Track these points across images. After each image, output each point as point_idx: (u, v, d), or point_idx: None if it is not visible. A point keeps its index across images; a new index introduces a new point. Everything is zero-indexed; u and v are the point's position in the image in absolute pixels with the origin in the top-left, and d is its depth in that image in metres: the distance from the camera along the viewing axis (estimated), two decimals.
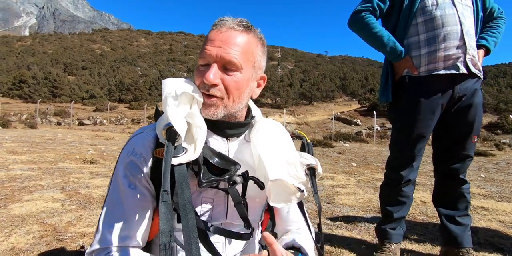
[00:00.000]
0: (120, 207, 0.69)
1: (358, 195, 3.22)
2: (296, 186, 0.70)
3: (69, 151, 6.14)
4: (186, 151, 0.64)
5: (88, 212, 2.30)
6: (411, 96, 1.53)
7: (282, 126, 0.87)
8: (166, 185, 0.58)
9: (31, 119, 19.52)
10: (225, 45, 0.69)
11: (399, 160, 1.62)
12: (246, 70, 0.73)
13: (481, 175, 4.87)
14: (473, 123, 1.52)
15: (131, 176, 0.70)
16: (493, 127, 19.78)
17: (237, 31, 0.71)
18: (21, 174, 3.59)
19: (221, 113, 0.72)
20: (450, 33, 1.41)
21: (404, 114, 1.56)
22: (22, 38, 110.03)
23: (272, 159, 0.72)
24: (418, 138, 1.54)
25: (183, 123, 0.65)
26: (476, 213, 2.63)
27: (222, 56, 0.69)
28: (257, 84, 0.79)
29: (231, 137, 0.78)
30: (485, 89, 29.44)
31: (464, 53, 1.43)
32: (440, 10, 1.43)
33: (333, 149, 9.65)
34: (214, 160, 0.69)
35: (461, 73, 1.44)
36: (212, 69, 0.69)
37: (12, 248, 1.66)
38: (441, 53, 1.43)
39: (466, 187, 1.59)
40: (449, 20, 1.41)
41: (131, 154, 0.71)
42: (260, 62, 0.77)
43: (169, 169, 0.60)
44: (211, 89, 0.70)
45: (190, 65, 75.08)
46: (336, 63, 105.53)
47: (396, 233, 1.66)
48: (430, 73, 1.47)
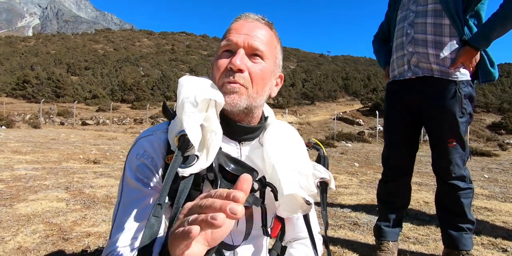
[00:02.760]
0: (137, 205, 0.66)
1: (361, 195, 3.22)
2: (305, 199, 0.68)
3: (72, 151, 6.18)
4: (197, 159, 0.60)
5: (92, 212, 2.32)
6: (385, 99, 1.79)
7: (295, 130, 0.85)
8: (162, 198, 0.55)
9: (34, 119, 19.63)
10: (252, 33, 0.69)
11: (382, 159, 1.78)
12: (270, 62, 0.71)
13: (484, 175, 4.84)
14: (442, 126, 1.50)
15: (145, 179, 0.67)
16: (496, 127, 19.68)
17: (262, 23, 0.72)
18: (26, 173, 3.62)
19: (243, 103, 0.68)
20: (398, 45, 1.63)
21: (384, 117, 1.78)
22: (25, 39, 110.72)
23: (286, 171, 0.69)
24: (391, 141, 1.73)
25: (198, 132, 0.60)
26: (479, 213, 2.63)
27: (249, 42, 0.68)
28: (275, 82, 0.77)
29: (244, 141, 0.75)
30: (488, 89, 29.28)
31: (408, 61, 1.57)
32: (397, 26, 1.66)
33: (335, 149, 9.64)
34: (230, 167, 0.65)
35: (408, 78, 1.58)
36: (239, 54, 0.67)
37: (19, 247, 1.68)
38: (394, 62, 1.66)
39: (463, 192, 1.54)
40: (398, 34, 1.64)
41: (141, 157, 0.68)
42: (280, 59, 0.76)
43: (170, 181, 0.56)
44: (236, 75, 0.66)
45: (192, 65, 75.20)
46: (339, 63, 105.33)
47: (391, 231, 1.68)
48: (392, 79, 1.70)
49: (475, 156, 8.12)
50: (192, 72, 65.41)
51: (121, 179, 0.71)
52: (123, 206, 0.67)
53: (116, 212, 0.67)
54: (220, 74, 0.68)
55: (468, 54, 1.45)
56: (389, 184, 1.74)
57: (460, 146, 1.51)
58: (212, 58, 0.79)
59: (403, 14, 1.62)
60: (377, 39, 1.95)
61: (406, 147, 1.69)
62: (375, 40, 1.97)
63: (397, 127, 1.69)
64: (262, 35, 0.70)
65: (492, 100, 25.02)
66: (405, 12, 1.60)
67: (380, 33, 1.93)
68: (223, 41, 0.70)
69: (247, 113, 0.71)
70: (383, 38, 1.91)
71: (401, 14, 1.64)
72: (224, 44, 0.69)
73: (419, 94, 1.55)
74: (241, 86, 0.67)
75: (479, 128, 20.36)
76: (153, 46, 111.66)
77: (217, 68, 0.69)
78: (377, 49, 1.93)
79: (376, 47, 1.94)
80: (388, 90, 1.75)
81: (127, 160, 0.70)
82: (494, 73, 1.53)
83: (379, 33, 1.93)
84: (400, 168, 1.71)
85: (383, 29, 1.89)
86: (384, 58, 1.81)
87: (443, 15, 1.48)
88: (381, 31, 1.92)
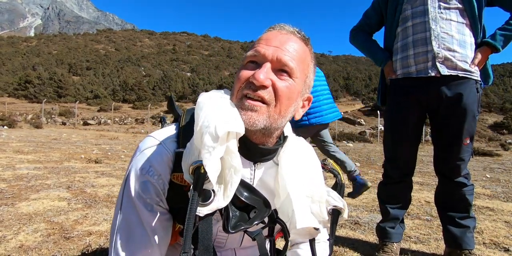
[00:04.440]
0: (142, 230, 0.62)
1: (362, 194, 3.22)
2: (315, 227, 0.65)
3: (74, 150, 6.20)
4: (214, 196, 0.55)
5: (94, 211, 2.33)
6: (391, 97, 1.69)
7: (313, 149, 0.81)
8: (187, 246, 0.51)
9: (36, 119, 19.70)
10: (284, 46, 0.62)
11: (388, 159, 1.72)
12: (299, 81, 0.63)
13: (486, 175, 4.83)
14: (462, 125, 1.49)
15: (148, 199, 0.62)
16: (498, 127, 19.60)
17: (297, 37, 0.65)
18: (28, 173, 3.64)
19: (261, 123, 0.60)
20: (418, 40, 1.53)
21: (387, 115, 1.70)
22: (27, 39, 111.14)
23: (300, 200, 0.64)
24: (399, 139, 1.65)
25: (218, 166, 0.53)
26: (481, 213, 2.62)
27: (278, 56, 0.60)
28: (301, 104, 0.69)
29: (259, 162, 0.69)
30: (490, 88, 29.19)
31: (434, 57, 1.48)
32: (412, 20, 1.56)
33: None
34: (243, 196, 0.61)
35: (431, 76, 1.49)
36: (264, 68, 0.60)
37: (20, 245, 1.68)
38: (411, 58, 1.56)
39: (468, 189, 1.55)
40: (417, 28, 1.54)
41: (147, 173, 0.62)
42: (311, 79, 0.69)
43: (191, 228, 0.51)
44: (259, 90, 0.59)
45: (193, 65, 75.30)
46: (340, 62, 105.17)
47: (395, 232, 1.67)
48: (404, 76, 1.59)
49: (477, 156, 8.10)
50: (193, 72, 65.47)
51: (122, 186, 0.66)
52: (127, 224, 0.63)
53: (116, 227, 0.64)
54: (240, 85, 0.62)
55: (486, 54, 1.48)
56: (392, 186, 1.70)
57: (471, 144, 1.54)
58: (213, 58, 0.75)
59: (419, 8, 1.53)
60: (362, 32, 1.81)
61: (414, 145, 1.67)
62: (358, 33, 1.82)
63: (409, 124, 1.62)
64: (295, 50, 0.62)
65: (494, 100, 24.95)
66: (422, 6, 1.52)
67: (365, 26, 1.80)
68: (250, 51, 0.63)
69: (265, 134, 0.64)
70: (369, 32, 1.81)
71: (413, 8, 1.54)
72: (250, 54, 0.63)
73: (441, 92, 1.49)
74: (263, 104, 0.60)
75: (481, 128, 20.28)
76: (154, 46, 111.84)
77: (238, 79, 0.62)
78: (367, 44, 1.79)
79: (364, 40, 1.80)
80: (397, 86, 1.64)
81: (132, 171, 0.64)
82: (492, 77, 1.59)
83: (365, 26, 1.80)
84: (408, 167, 1.68)
85: (370, 22, 1.78)
86: (382, 53, 1.72)
87: (464, 15, 1.49)
88: (367, 24, 1.79)
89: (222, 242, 0.73)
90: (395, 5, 1.62)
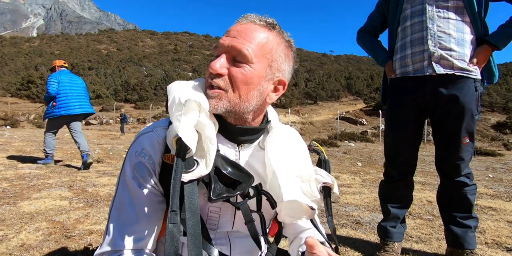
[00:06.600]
0: (132, 208, 0.67)
1: (363, 194, 3.21)
2: (309, 205, 0.67)
3: (76, 150, 6.21)
4: (197, 165, 0.61)
5: (95, 210, 2.33)
6: (391, 96, 1.70)
7: (299, 134, 0.83)
8: (174, 205, 0.56)
9: (39, 119, 19.78)
10: (240, 35, 0.66)
11: (388, 158, 1.72)
12: (259, 65, 0.67)
13: (489, 175, 4.80)
14: (460, 124, 1.48)
15: (141, 178, 0.67)
16: (501, 126, 19.52)
17: (257, 25, 0.68)
18: (30, 172, 3.65)
19: (222, 107, 0.66)
20: (415, 40, 1.54)
21: (387, 114, 1.72)
22: (30, 39, 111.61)
23: (286, 176, 0.67)
24: (398, 138, 1.65)
25: (193, 134, 0.60)
26: (483, 213, 2.60)
27: (233, 45, 0.65)
28: (274, 88, 0.72)
29: (243, 143, 0.74)
30: (493, 88, 29.02)
31: (430, 56, 1.48)
32: (411, 19, 1.57)
33: (338, 148, 9.61)
34: (227, 170, 0.66)
35: (427, 75, 1.50)
36: (220, 58, 0.66)
37: (22, 244, 1.69)
38: (409, 58, 1.57)
39: (469, 189, 1.54)
40: (415, 28, 1.55)
41: (139, 155, 0.68)
42: (280, 63, 0.70)
43: (178, 188, 0.56)
44: (215, 79, 0.66)
45: (195, 65, 75.37)
46: (341, 62, 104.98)
47: (396, 232, 1.66)
48: (403, 75, 1.61)
49: (480, 155, 8.06)
50: (195, 72, 65.55)
51: (119, 173, 0.72)
52: (121, 203, 0.68)
53: (112, 206, 0.70)
54: (207, 76, 0.69)
55: (487, 52, 1.46)
56: (393, 184, 1.70)
57: (471, 144, 1.52)
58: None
59: (417, 7, 1.54)
60: (367, 33, 1.86)
61: (414, 144, 1.66)
62: (363, 34, 1.87)
63: (407, 123, 1.62)
64: (252, 38, 0.66)
65: (497, 99, 24.82)
66: (420, 5, 1.52)
67: (370, 27, 1.84)
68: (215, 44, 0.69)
69: (237, 117, 0.70)
70: (374, 33, 1.84)
71: (412, 8, 1.56)
72: (213, 47, 0.69)
73: (437, 91, 1.49)
74: (221, 90, 0.66)
75: (484, 127, 20.19)
76: (156, 46, 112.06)
77: (207, 70, 0.69)
78: (370, 44, 1.84)
79: (368, 41, 1.85)
80: (395, 85, 1.66)
81: (127, 156, 0.71)
82: (497, 75, 1.55)
83: (369, 27, 1.84)
84: (408, 166, 1.67)
85: (374, 23, 1.81)
86: (383, 53, 1.75)
87: (464, 13, 1.48)
88: (371, 25, 1.83)
89: (214, 223, 0.74)
90: (396, 5, 1.64)
